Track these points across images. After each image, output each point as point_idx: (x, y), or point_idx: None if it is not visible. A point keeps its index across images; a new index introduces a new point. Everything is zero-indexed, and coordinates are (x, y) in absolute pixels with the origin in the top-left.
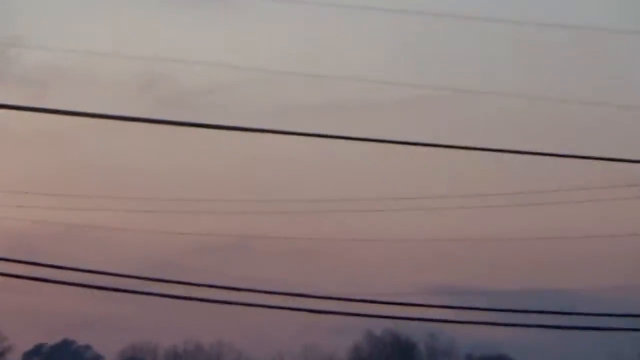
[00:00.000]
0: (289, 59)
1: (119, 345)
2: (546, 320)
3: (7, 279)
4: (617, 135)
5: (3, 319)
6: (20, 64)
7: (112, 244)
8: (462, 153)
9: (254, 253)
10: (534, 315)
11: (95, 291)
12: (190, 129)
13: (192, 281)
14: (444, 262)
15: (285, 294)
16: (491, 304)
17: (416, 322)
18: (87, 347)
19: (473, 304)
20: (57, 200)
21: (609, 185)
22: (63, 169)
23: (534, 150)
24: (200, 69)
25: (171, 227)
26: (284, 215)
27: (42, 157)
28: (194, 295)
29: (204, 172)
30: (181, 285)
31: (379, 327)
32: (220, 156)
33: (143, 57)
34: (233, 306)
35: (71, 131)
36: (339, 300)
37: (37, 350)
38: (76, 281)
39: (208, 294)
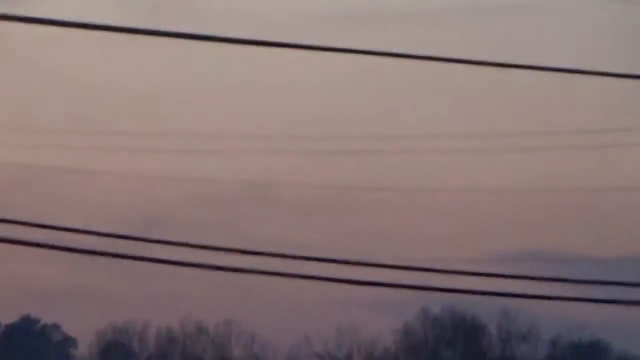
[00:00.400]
0: None
1: (96, 325)
2: None
3: None
4: None
5: None
6: None
7: (86, 193)
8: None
9: (270, 206)
10: (634, 289)
11: (65, 255)
12: (183, 41)
13: (191, 242)
14: (523, 220)
15: (312, 258)
16: (585, 274)
17: (486, 298)
18: (55, 327)
19: (561, 275)
20: (10, 135)
21: None
22: (19, 94)
23: None
24: None
25: (164, 171)
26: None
27: None
28: (192, 260)
29: (204, 96)
30: (177, 247)
31: (437, 304)
32: (222, 77)
33: None
34: (244, 275)
35: (31, 44)
36: (383, 268)
37: None
38: (38, 241)
39: (212, 259)
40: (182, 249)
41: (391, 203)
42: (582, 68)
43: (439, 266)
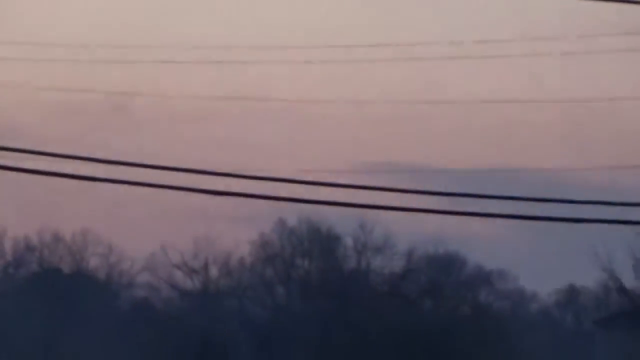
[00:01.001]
0: None
1: None
2: (513, 209)
3: None
4: None
5: None
6: None
7: None
8: None
9: (127, 116)
10: (496, 202)
11: None
12: None
13: (47, 151)
14: (382, 132)
15: (169, 168)
16: (441, 186)
17: (341, 209)
18: None
19: (416, 187)
20: None
21: None
22: None
23: None
24: None
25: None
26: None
27: None
28: (49, 169)
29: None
30: (33, 156)
31: (293, 215)
32: None
33: None
34: (100, 184)
35: None
36: (240, 178)
37: None
38: None
39: (68, 168)
40: (38, 157)
41: (256, 114)
42: None
43: (295, 177)
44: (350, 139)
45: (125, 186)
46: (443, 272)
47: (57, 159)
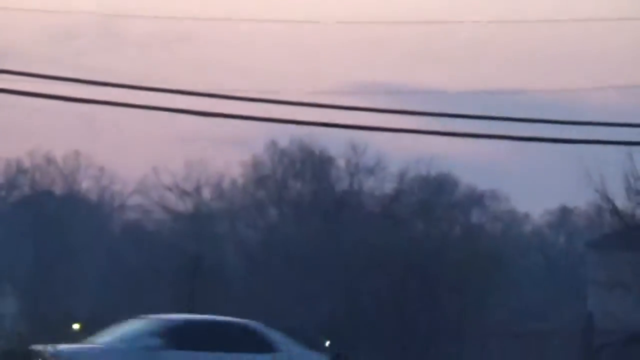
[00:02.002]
0: None
1: None
2: (505, 129)
3: None
4: None
5: None
6: None
7: None
8: None
9: (117, 38)
10: (488, 123)
11: None
12: None
13: (37, 72)
14: (374, 53)
15: (160, 90)
16: (432, 107)
17: (333, 130)
18: None
19: (407, 107)
20: None
21: None
22: None
23: None
24: None
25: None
26: None
27: None
28: (39, 91)
29: None
30: (23, 78)
31: (285, 136)
32: None
33: None
34: (92, 106)
35: None
36: (231, 100)
37: None
38: None
39: (59, 90)
40: (28, 79)
41: (244, 34)
42: None
43: (287, 98)
44: (341, 60)
45: (117, 108)
46: (435, 193)
47: (47, 80)
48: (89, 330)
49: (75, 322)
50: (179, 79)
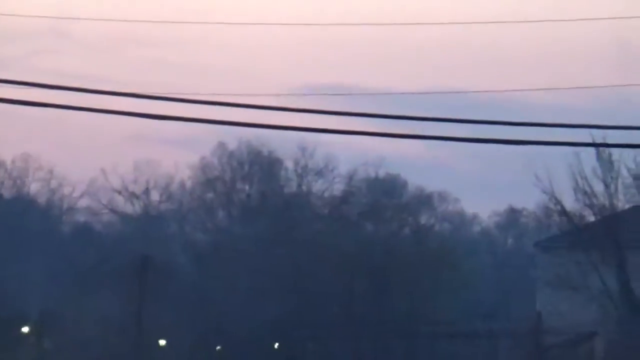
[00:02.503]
0: None
1: None
2: (454, 131)
3: None
4: None
5: None
6: None
7: None
8: None
9: (68, 39)
10: (437, 125)
11: None
12: None
13: None
14: (328, 55)
15: (110, 93)
16: (382, 109)
17: (282, 132)
18: None
19: (356, 109)
20: None
21: None
22: None
23: None
24: None
25: None
26: None
27: None
28: None
29: None
30: None
31: (233, 139)
32: None
33: None
34: (41, 109)
35: None
36: (180, 102)
37: None
38: None
39: (8, 93)
40: None
41: (194, 36)
42: None
43: (235, 100)
44: (291, 62)
45: (66, 111)
46: (384, 194)
47: None
48: (39, 332)
49: (25, 323)
50: (128, 80)
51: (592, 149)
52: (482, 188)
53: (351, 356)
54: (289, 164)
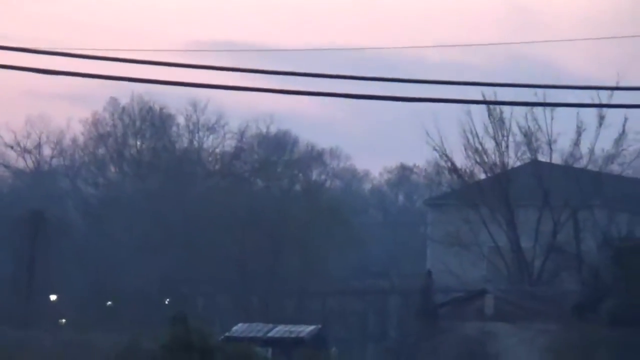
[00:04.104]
0: None
1: None
2: (345, 88)
3: None
4: None
5: None
6: None
7: None
8: None
9: None
10: (328, 81)
11: None
12: None
13: None
14: (216, 10)
15: (1, 47)
16: (274, 65)
17: (174, 88)
18: None
19: (248, 66)
20: None
21: None
22: None
23: None
24: None
25: None
26: None
27: None
28: None
29: None
30: None
31: (125, 94)
32: None
33: None
34: None
35: None
36: (71, 57)
37: None
38: None
39: None
40: None
41: None
42: None
43: (127, 56)
44: (184, 19)
45: None
46: (275, 150)
47: None
48: None
49: None
50: (20, 35)
51: (483, 107)
52: (374, 145)
53: (242, 312)
54: (181, 120)
